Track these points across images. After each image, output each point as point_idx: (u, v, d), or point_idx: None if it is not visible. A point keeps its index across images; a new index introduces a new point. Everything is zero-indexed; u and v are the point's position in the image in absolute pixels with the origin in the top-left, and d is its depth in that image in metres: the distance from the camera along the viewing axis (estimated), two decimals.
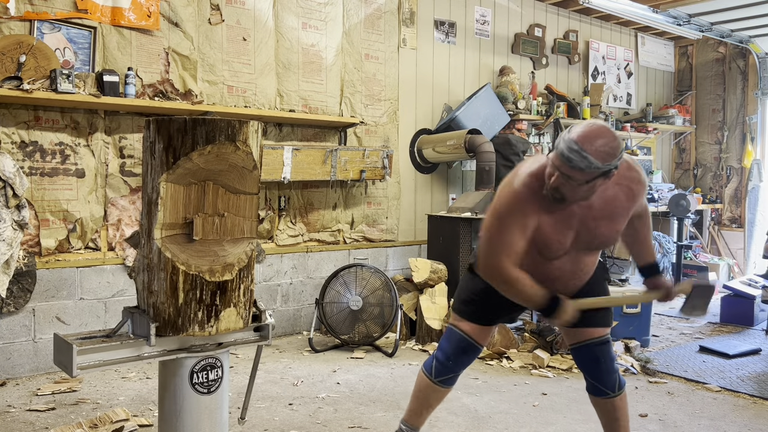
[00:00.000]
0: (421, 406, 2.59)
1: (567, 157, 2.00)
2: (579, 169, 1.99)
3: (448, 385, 2.57)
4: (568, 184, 2.05)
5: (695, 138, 8.29)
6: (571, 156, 1.98)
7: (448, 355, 2.50)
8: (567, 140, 2.02)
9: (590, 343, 2.43)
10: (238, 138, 1.88)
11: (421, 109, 5.71)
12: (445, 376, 2.52)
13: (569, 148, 2.00)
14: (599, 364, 2.43)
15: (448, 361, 2.50)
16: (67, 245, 3.98)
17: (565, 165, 2.01)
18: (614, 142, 2.01)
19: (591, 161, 1.98)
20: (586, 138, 1.99)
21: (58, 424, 3.07)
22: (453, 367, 2.51)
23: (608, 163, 2.00)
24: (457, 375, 2.54)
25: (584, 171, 1.99)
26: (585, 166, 1.98)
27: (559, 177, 2.05)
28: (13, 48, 3.65)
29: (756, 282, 5.73)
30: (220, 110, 4.35)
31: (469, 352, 2.50)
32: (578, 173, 2.00)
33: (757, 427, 3.23)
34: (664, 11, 6.37)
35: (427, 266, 4.78)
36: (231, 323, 1.96)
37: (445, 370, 2.51)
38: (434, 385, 2.54)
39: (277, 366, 4.12)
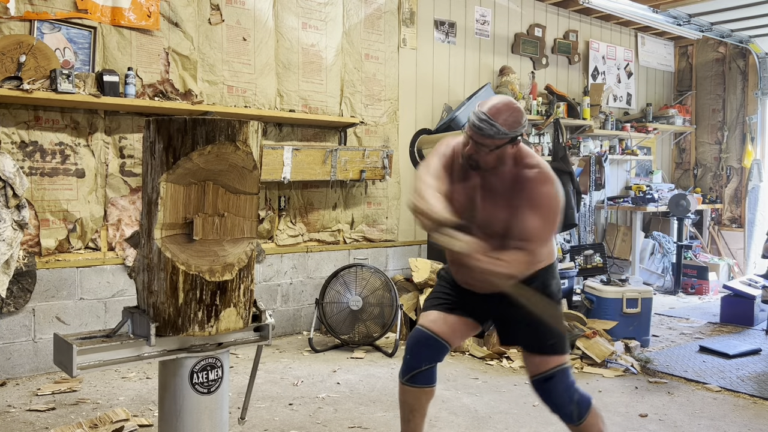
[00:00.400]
0: (404, 411, 2.54)
1: (478, 126, 2.26)
2: (489, 136, 2.25)
3: (417, 384, 2.45)
4: (480, 151, 2.30)
5: (695, 138, 8.29)
6: (482, 125, 2.25)
7: (406, 349, 2.51)
8: (477, 112, 2.28)
9: (535, 380, 2.40)
10: (238, 138, 1.88)
11: (421, 109, 5.71)
12: (408, 374, 2.46)
13: (479, 118, 2.26)
14: (549, 400, 2.39)
15: (406, 356, 2.49)
16: (67, 245, 3.98)
17: (477, 133, 2.27)
18: (518, 112, 2.29)
19: (499, 128, 2.25)
20: (493, 109, 2.27)
21: (58, 424, 3.07)
22: (411, 362, 2.46)
23: (514, 130, 2.27)
24: (421, 372, 2.43)
25: (493, 137, 2.25)
26: (494, 133, 2.24)
27: (472, 145, 2.30)
28: (13, 48, 3.65)
29: (756, 282, 5.73)
30: (220, 110, 4.35)
31: (421, 342, 2.47)
32: (488, 140, 2.26)
33: (757, 427, 3.23)
34: (664, 11, 6.37)
35: (427, 266, 4.78)
36: (231, 323, 1.96)
37: (407, 367, 2.48)
38: (403, 385, 2.49)
39: (277, 366, 4.12)
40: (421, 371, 2.44)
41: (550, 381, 2.38)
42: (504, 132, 2.25)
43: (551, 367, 2.38)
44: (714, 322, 5.64)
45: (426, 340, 2.48)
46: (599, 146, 7.16)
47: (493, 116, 2.25)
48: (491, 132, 2.24)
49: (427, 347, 2.47)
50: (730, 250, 7.93)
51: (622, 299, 4.63)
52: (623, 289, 4.72)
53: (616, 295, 4.66)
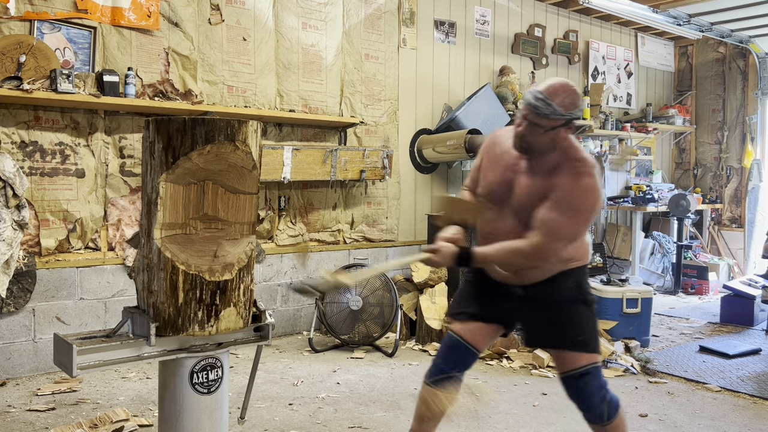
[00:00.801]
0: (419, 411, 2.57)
1: (534, 105, 2.20)
2: (545, 115, 2.19)
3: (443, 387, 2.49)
4: (534, 132, 2.24)
5: (695, 138, 8.29)
6: (538, 104, 2.20)
7: (438, 353, 2.53)
8: (533, 92, 2.23)
9: (568, 376, 2.38)
10: (237, 138, 1.88)
11: (421, 109, 5.71)
12: (435, 377, 2.49)
13: (536, 97, 2.21)
14: (580, 398, 2.37)
15: (437, 360, 2.51)
16: (67, 245, 3.98)
17: (532, 113, 2.21)
18: (575, 95, 2.24)
19: (555, 108, 2.19)
20: (550, 89, 2.22)
21: (58, 424, 3.07)
22: (441, 366, 2.48)
23: (570, 111, 2.21)
24: (449, 376, 2.46)
25: (549, 117, 2.19)
26: (550, 112, 2.19)
27: (526, 126, 2.24)
28: (13, 48, 3.65)
29: (756, 282, 5.73)
30: (220, 110, 4.35)
31: (454, 348, 2.48)
32: (543, 120, 2.20)
33: (757, 427, 3.23)
34: (664, 11, 6.37)
35: (427, 266, 4.78)
36: (231, 323, 1.96)
37: (436, 369, 2.50)
38: (427, 386, 2.52)
39: (277, 366, 4.12)
40: (449, 377, 2.47)
41: (582, 379, 2.35)
42: (560, 112, 2.19)
43: (584, 364, 2.35)
44: (714, 322, 5.64)
45: (459, 348, 2.48)
46: (599, 146, 7.15)
47: (550, 96, 2.20)
48: (547, 111, 2.18)
49: (459, 355, 2.48)
50: (730, 250, 7.93)
51: (622, 299, 4.63)
52: (623, 289, 4.71)
53: (616, 295, 4.66)
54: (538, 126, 2.22)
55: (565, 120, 2.21)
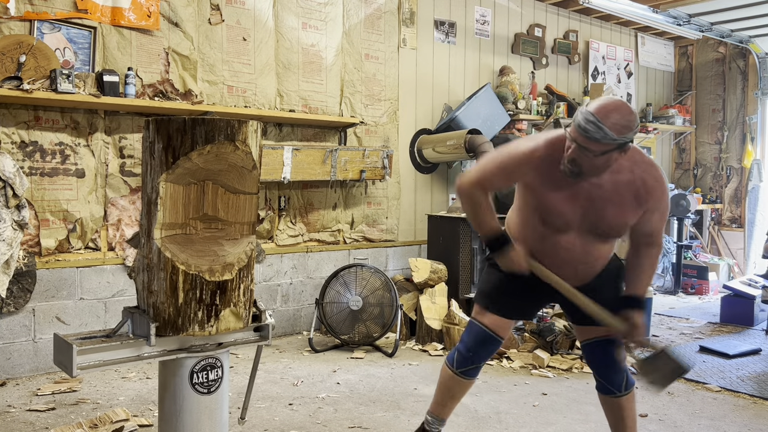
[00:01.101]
0: (445, 398, 2.65)
1: (584, 128, 2.07)
2: (595, 140, 2.05)
3: (470, 377, 2.59)
4: (585, 156, 2.11)
5: (695, 138, 8.29)
6: (588, 127, 2.05)
7: (469, 347, 2.55)
8: (584, 112, 2.09)
9: (600, 340, 2.45)
10: (237, 138, 1.88)
11: (421, 109, 5.71)
12: (466, 367, 2.57)
13: (586, 119, 2.07)
14: (607, 362, 2.45)
15: (468, 353, 2.55)
16: (67, 245, 3.98)
17: (582, 136, 2.08)
18: (630, 116, 2.08)
19: (606, 132, 2.04)
20: (603, 110, 2.07)
21: (58, 424, 3.07)
22: (473, 359, 2.55)
23: (623, 135, 2.07)
24: (478, 366, 2.57)
25: (600, 142, 2.06)
26: (601, 137, 2.05)
27: (576, 149, 2.11)
28: (13, 48, 3.65)
29: (756, 282, 5.73)
30: (220, 110, 4.35)
31: (487, 343, 2.54)
32: (594, 144, 2.07)
33: (757, 427, 3.23)
34: (664, 11, 6.37)
35: (427, 266, 4.78)
36: (231, 323, 1.96)
37: (466, 361, 2.56)
38: (456, 376, 2.59)
39: (277, 366, 4.12)
40: (478, 367, 2.57)
41: (613, 344, 2.43)
42: (612, 137, 2.04)
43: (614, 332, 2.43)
44: (714, 322, 5.64)
45: (492, 342, 2.54)
46: None
47: (602, 118, 2.05)
48: (598, 136, 2.04)
49: (490, 348, 2.56)
50: (730, 250, 7.93)
51: None
52: None
53: None
54: (588, 150, 2.09)
55: (617, 144, 2.08)
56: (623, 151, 2.14)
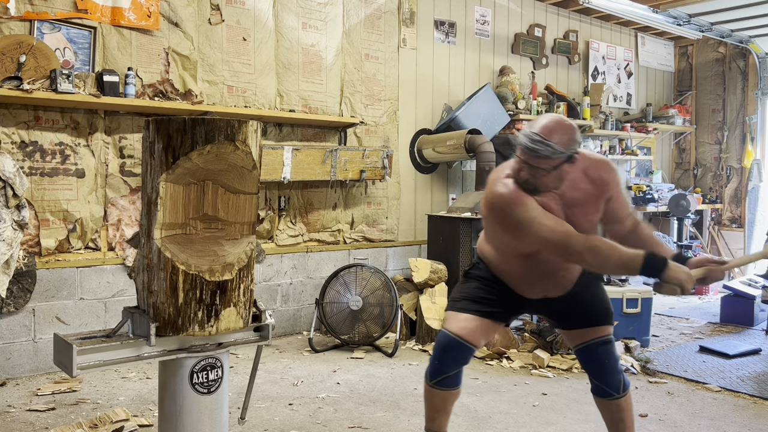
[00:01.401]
0: (431, 412, 2.57)
1: (532, 149, 2.13)
2: (545, 157, 2.13)
3: (445, 387, 2.48)
4: (537, 174, 2.18)
5: (695, 138, 8.29)
6: (536, 147, 2.13)
7: (435, 354, 2.48)
8: (528, 134, 2.16)
9: (593, 343, 2.44)
10: (237, 138, 1.88)
11: (421, 109, 5.71)
12: (436, 378, 2.46)
13: (532, 140, 2.14)
14: (603, 365, 2.43)
15: (435, 361, 2.47)
16: (67, 245, 3.98)
17: (532, 156, 2.15)
18: (572, 128, 2.19)
19: (555, 148, 2.12)
20: (545, 129, 2.16)
21: (58, 424, 3.07)
22: (440, 367, 2.45)
23: (571, 147, 2.17)
24: (449, 376, 2.45)
25: (550, 158, 2.14)
26: (550, 153, 2.12)
27: (527, 170, 2.19)
28: (13, 48, 3.65)
29: (756, 282, 5.73)
30: (220, 110, 4.35)
31: (450, 349, 2.43)
32: (544, 162, 2.14)
33: (757, 427, 3.23)
34: (664, 11, 6.37)
35: (427, 266, 4.78)
36: (231, 323, 1.96)
37: (435, 371, 2.47)
38: (431, 388, 2.49)
39: (277, 366, 4.12)
40: (448, 376, 2.46)
41: (606, 346, 2.42)
42: (560, 151, 2.13)
43: (607, 333, 2.44)
44: (714, 322, 5.64)
45: (455, 346, 2.44)
46: (599, 146, 7.15)
47: (547, 136, 2.13)
48: (547, 153, 2.12)
49: (455, 353, 2.44)
50: (730, 250, 7.93)
51: (622, 299, 4.63)
52: (623, 289, 4.72)
53: (616, 295, 4.65)
54: (539, 169, 2.16)
55: (566, 157, 2.16)
56: (572, 163, 2.21)
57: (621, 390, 2.45)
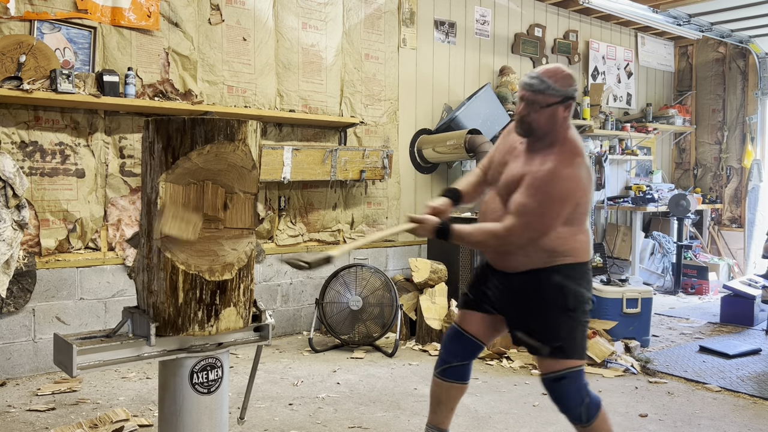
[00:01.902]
0: (432, 403, 2.63)
1: (529, 84, 2.29)
2: (540, 91, 2.27)
3: (448, 378, 2.54)
4: (532, 110, 2.29)
5: (695, 138, 8.29)
6: (533, 82, 2.29)
7: (442, 344, 2.60)
8: (528, 73, 2.36)
9: (544, 378, 2.38)
10: (236, 137, 1.88)
11: (421, 109, 5.71)
12: (441, 367, 2.56)
13: (530, 77, 2.31)
14: (558, 400, 2.36)
15: (441, 350, 2.59)
16: (67, 245, 3.98)
17: (528, 91, 2.29)
18: (569, 75, 2.32)
19: (550, 84, 2.27)
20: (544, 70, 2.33)
21: (58, 424, 3.07)
22: (444, 356, 2.55)
23: (563, 89, 2.28)
24: (452, 367, 2.52)
25: (545, 93, 2.27)
26: (545, 87, 2.27)
27: (524, 106, 2.31)
28: (13, 48, 3.65)
29: (756, 282, 5.73)
30: (220, 110, 4.35)
31: (454, 338, 2.55)
32: (540, 96, 2.27)
33: (757, 427, 3.23)
34: (664, 11, 6.37)
35: (427, 266, 4.78)
36: (231, 323, 1.96)
37: (440, 360, 2.57)
38: (435, 378, 2.58)
39: (277, 366, 4.12)
40: (452, 366, 2.52)
41: (559, 383, 2.33)
42: (555, 87, 2.27)
43: (559, 369, 2.32)
44: (714, 322, 5.64)
45: (458, 336, 2.54)
46: (599, 146, 7.16)
47: (544, 75, 2.29)
48: (542, 87, 2.26)
49: (459, 344, 2.53)
50: (730, 250, 7.93)
51: (622, 299, 4.63)
52: (623, 289, 4.72)
53: (616, 295, 4.66)
54: (535, 104, 2.28)
55: (561, 97, 2.28)
56: (567, 109, 2.30)
57: (585, 420, 2.34)
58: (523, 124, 2.34)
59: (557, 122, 2.31)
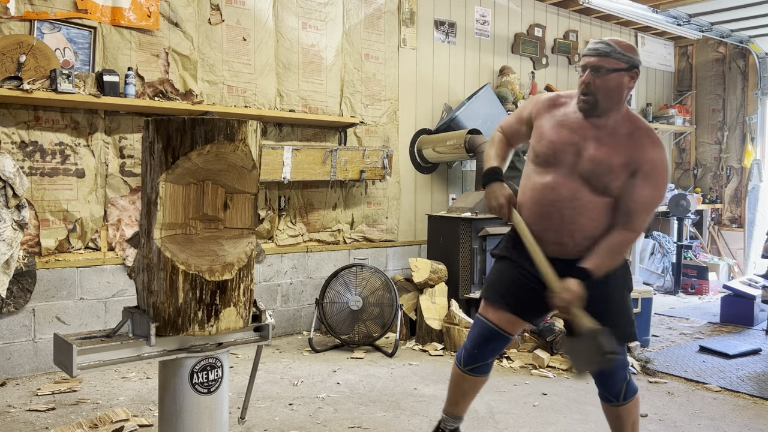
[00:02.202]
0: (456, 396, 2.61)
1: (594, 48, 2.25)
2: (605, 53, 2.22)
3: (478, 374, 2.53)
4: (597, 77, 2.23)
5: (695, 138, 8.29)
6: (598, 46, 2.24)
7: (474, 343, 2.51)
8: (591, 42, 2.31)
9: None
10: (236, 137, 1.88)
11: (421, 109, 5.71)
12: (473, 365, 2.51)
13: (594, 43, 2.28)
14: (608, 374, 2.37)
15: (473, 350, 2.51)
16: (67, 245, 3.98)
17: (593, 56, 2.24)
18: (630, 44, 2.29)
19: (614, 47, 2.23)
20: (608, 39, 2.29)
21: (58, 424, 3.07)
22: (478, 356, 2.50)
23: (629, 55, 2.24)
24: (485, 364, 2.52)
25: (610, 56, 2.22)
26: (611, 50, 2.22)
27: (588, 73, 2.25)
28: (13, 48, 3.65)
29: (756, 282, 5.73)
30: (220, 110, 4.35)
31: (491, 340, 2.47)
32: (605, 60, 2.22)
33: (757, 427, 3.23)
34: (664, 11, 6.37)
35: (427, 266, 4.78)
36: (231, 323, 1.96)
37: (471, 359, 2.51)
38: (464, 374, 2.54)
39: (277, 366, 4.12)
40: (485, 363, 2.51)
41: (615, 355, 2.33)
42: (620, 51, 2.22)
43: None
44: (714, 322, 5.64)
45: (497, 338, 2.48)
46: None
47: (609, 41, 2.26)
48: (608, 50, 2.21)
49: (496, 345, 2.49)
50: (730, 250, 7.93)
51: None
52: None
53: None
54: (601, 69, 2.22)
55: (628, 63, 2.23)
56: (633, 78, 2.24)
57: (621, 399, 2.40)
58: (588, 95, 2.25)
59: (623, 93, 2.25)
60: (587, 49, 2.27)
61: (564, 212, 2.31)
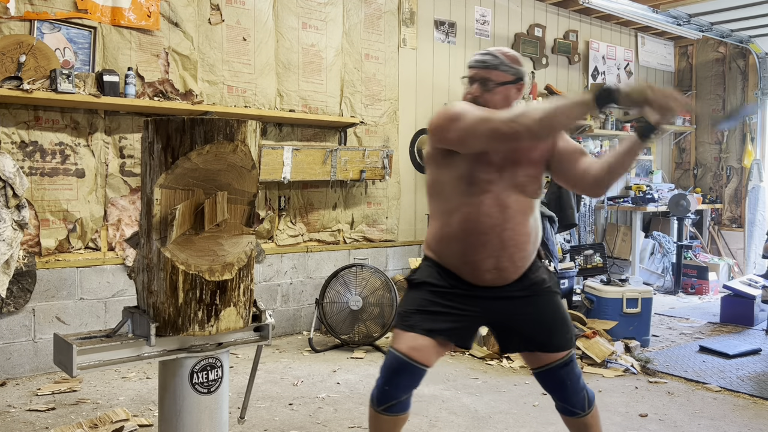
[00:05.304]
0: None
1: (481, 60, 2.19)
2: (493, 66, 2.17)
3: (395, 413, 2.17)
4: (486, 89, 2.18)
5: (695, 138, 8.29)
6: (485, 58, 2.19)
7: (384, 378, 2.17)
8: (476, 53, 2.26)
9: (554, 366, 2.26)
10: (236, 137, 1.88)
11: (421, 109, 5.71)
12: (386, 404, 2.15)
13: (481, 54, 2.22)
14: (565, 386, 2.27)
15: (384, 386, 2.16)
16: (67, 245, 3.98)
17: (480, 66, 2.19)
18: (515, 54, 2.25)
19: (502, 59, 2.18)
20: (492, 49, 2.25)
21: (58, 424, 3.07)
22: (391, 392, 2.14)
23: (516, 66, 2.20)
24: (401, 401, 2.16)
25: (498, 69, 2.17)
26: (498, 63, 2.17)
27: (477, 86, 2.20)
28: (13, 48, 3.65)
29: (756, 282, 5.73)
30: (220, 110, 4.35)
31: (402, 372, 2.13)
32: (493, 72, 2.17)
33: (757, 427, 3.23)
34: (664, 11, 6.37)
35: None
36: (231, 323, 1.96)
37: (384, 396, 2.16)
38: (378, 414, 2.18)
39: (277, 366, 4.12)
40: (400, 401, 2.17)
41: (568, 366, 2.25)
42: (508, 63, 2.17)
43: (568, 354, 2.26)
44: (714, 322, 5.64)
45: (408, 370, 2.13)
46: (599, 146, 7.16)
47: (494, 51, 2.21)
48: (496, 62, 2.16)
49: (407, 378, 2.15)
50: (730, 250, 7.93)
51: (622, 299, 4.63)
52: (623, 289, 4.71)
53: (616, 295, 4.66)
54: (489, 82, 2.17)
55: (514, 76, 2.18)
56: (519, 89, 2.21)
57: (586, 407, 2.29)
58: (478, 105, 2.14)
59: (510, 106, 2.16)
60: (474, 61, 2.20)
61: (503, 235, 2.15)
